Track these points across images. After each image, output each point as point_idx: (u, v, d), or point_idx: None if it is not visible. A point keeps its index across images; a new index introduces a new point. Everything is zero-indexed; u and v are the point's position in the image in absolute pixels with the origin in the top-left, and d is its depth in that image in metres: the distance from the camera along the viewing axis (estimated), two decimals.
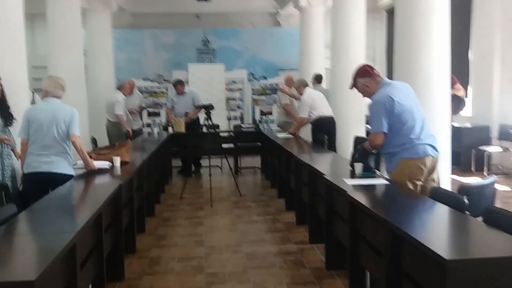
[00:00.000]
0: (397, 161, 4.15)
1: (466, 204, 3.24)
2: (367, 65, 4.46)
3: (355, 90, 4.49)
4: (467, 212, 3.18)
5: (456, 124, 9.39)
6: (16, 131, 5.00)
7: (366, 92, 4.37)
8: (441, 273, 2.30)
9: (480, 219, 2.99)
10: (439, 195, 3.53)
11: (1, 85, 5.09)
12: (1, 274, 2.38)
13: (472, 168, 9.21)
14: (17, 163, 5.14)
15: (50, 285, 2.48)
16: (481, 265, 2.31)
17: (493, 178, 3.96)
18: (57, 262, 2.52)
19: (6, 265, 2.53)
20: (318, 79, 9.94)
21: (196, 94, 9.83)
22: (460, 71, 9.99)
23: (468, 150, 9.23)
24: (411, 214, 3.33)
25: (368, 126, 8.61)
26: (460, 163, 9.25)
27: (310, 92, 8.30)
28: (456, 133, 9.16)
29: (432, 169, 4.20)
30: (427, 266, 2.50)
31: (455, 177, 7.61)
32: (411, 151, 4.10)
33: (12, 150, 5.18)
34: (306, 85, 8.42)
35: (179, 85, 9.71)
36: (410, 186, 4.06)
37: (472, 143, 9.24)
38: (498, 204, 4.36)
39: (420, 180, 4.12)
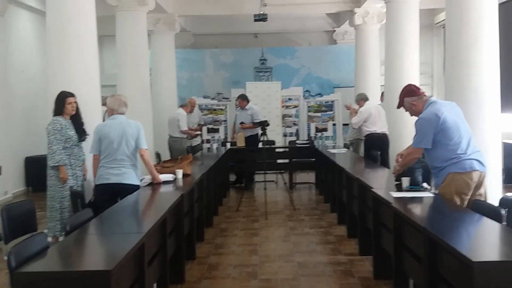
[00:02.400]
0: (444, 175, 4.30)
1: (503, 216, 3.41)
2: (413, 85, 4.68)
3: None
4: (505, 223, 3.36)
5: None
6: (88, 146, 5.51)
7: (413, 111, 4.56)
8: (469, 274, 2.52)
9: None
10: (479, 207, 3.71)
11: (76, 102, 5.64)
12: (82, 264, 2.81)
13: None
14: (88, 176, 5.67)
15: (122, 276, 2.88)
16: (506, 267, 2.52)
17: None
18: (129, 257, 2.92)
19: (86, 258, 2.97)
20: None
21: (257, 111, 10.24)
22: None
23: None
24: (448, 223, 3.54)
25: None
26: None
27: (369, 107, 8.57)
28: None
29: (480, 184, 4.31)
30: (458, 269, 2.72)
31: (510, 194, 7.57)
32: (458, 166, 4.24)
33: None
34: (366, 99, 8.69)
35: (240, 99, 10.23)
36: (457, 200, 4.19)
37: None
38: None
39: (467, 195, 4.24)
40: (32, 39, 11.09)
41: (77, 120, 5.68)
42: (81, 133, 5.68)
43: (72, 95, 5.61)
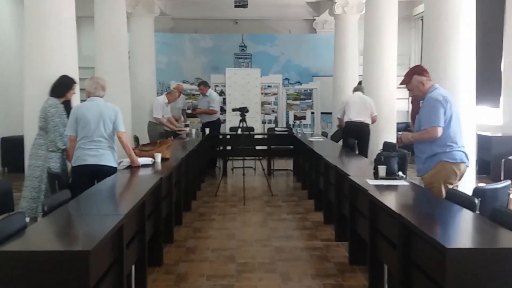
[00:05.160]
0: (435, 162, 4.35)
1: (477, 205, 3.51)
2: (423, 66, 4.70)
3: (387, 95, 4.74)
4: (478, 212, 3.46)
5: (486, 134, 9.52)
6: None
7: (419, 90, 4.50)
8: (443, 261, 2.60)
9: None
10: (454, 197, 3.81)
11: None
12: (61, 244, 2.81)
13: (502, 178, 9.28)
14: None
15: (101, 257, 2.89)
16: (479, 254, 2.60)
17: (507, 182, 4.19)
18: (108, 238, 2.94)
19: (65, 238, 2.97)
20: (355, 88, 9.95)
21: (214, 98, 10.30)
22: (492, 80, 10.11)
23: (498, 159, 9.29)
24: (423, 211, 3.64)
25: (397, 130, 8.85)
26: (489, 173, 9.36)
27: (348, 96, 8.78)
28: (487, 142, 9.32)
29: (462, 176, 4.43)
30: (432, 256, 2.80)
31: (483, 184, 7.75)
32: (450, 155, 4.31)
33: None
34: (356, 89, 8.83)
35: (202, 85, 10.30)
36: (443, 188, 4.26)
37: (502, 152, 9.28)
38: None
39: (452, 185, 4.33)
40: (8, 18, 10.87)
41: (69, 106, 5.69)
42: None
43: (76, 82, 5.73)
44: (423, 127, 4.40)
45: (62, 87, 5.64)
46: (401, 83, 4.68)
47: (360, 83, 9.95)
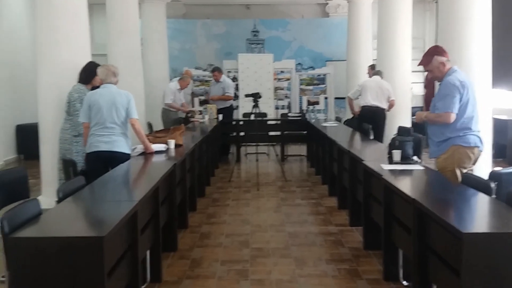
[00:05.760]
0: (447, 146, 4.30)
1: (493, 189, 3.46)
2: (442, 47, 4.56)
3: (401, 80, 4.66)
4: (494, 196, 3.41)
5: (503, 117, 9.39)
6: None
7: (439, 71, 4.39)
8: (459, 245, 2.57)
9: None
10: (470, 181, 3.76)
11: None
12: (75, 230, 2.83)
13: None
14: None
15: (115, 243, 2.90)
16: (495, 238, 2.57)
17: None
18: (122, 224, 2.94)
19: (79, 224, 3.00)
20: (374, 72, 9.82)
21: (228, 84, 10.25)
22: (509, 63, 9.93)
23: None
24: (438, 195, 3.60)
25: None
26: (506, 156, 9.26)
27: (364, 80, 8.79)
28: (503, 126, 9.20)
29: (476, 161, 4.37)
30: (448, 240, 2.77)
31: (499, 168, 7.67)
32: (463, 139, 4.26)
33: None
34: (373, 69, 8.93)
35: (217, 71, 10.23)
36: (458, 172, 4.22)
37: None
38: None
39: (466, 169, 4.29)
40: (21, 6, 10.90)
41: None
42: None
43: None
44: (437, 110, 4.34)
45: (87, 73, 5.70)
46: (420, 63, 4.53)
47: (373, 66, 9.82)
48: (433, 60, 4.41)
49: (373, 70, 9.49)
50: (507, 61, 9.94)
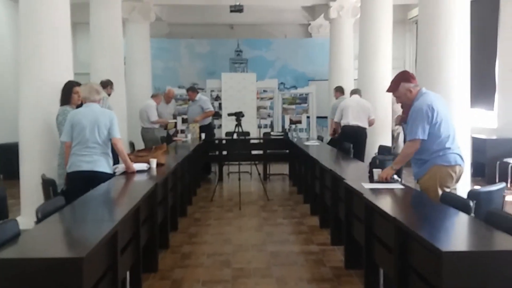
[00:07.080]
0: (428, 167, 4.33)
1: (472, 207, 3.50)
2: (410, 72, 4.61)
3: (382, 99, 4.73)
4: (473, 215, 3.45)
5: (481, 136, 9.54)
6: None
7: (407, 98, 4.43)
8: (438, 264, 2.59)
9: None
10: (448, 199, 3.81)
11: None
12: (54, 251, 2.79)
13: (497, 180, 9.29)
14: None
15: (95, 264, 2.87)
16: (474, 257, 2.60)
17: (502, 184, 4.19)
18: (102, 244, 2.91)
19: (58, 245, 2.96)
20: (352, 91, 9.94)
21: (205, 100, 10.27)
22: (486, 83, 10.14)
23: (493, 162, 9.31)
24: (418, 214, 3.63)
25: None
26: (484, 175, 9.38)
27: (345, 100, 8.86)
28: (481, 145, 9.34)
29: (458, 179, 4.41)
30: (428, 259, 2.79)
31: (478, 187, 7.76)
32: (443, 159, 4.29)
33: None
34: (342, 91, 9.16)
35: (190, 91, 10.26)
36: (440, 192, 4.24)
37: (497, 155, 9.31)
38: (510, 211, 4.57)
39: (449, 188, 4.33)
40: (4, 25, 10.86)
41: None
42: None
43: (79, 84, 5.66)
44: (407, 138, 4.43)
45: (63, 93, 5.69)
46: (388, 90, 4.59)
47: (338, 88, 9.96)
48: (400, 87, 4.44)
49: (338, 92, 9.69)
50: (485, 81, 10.15)
